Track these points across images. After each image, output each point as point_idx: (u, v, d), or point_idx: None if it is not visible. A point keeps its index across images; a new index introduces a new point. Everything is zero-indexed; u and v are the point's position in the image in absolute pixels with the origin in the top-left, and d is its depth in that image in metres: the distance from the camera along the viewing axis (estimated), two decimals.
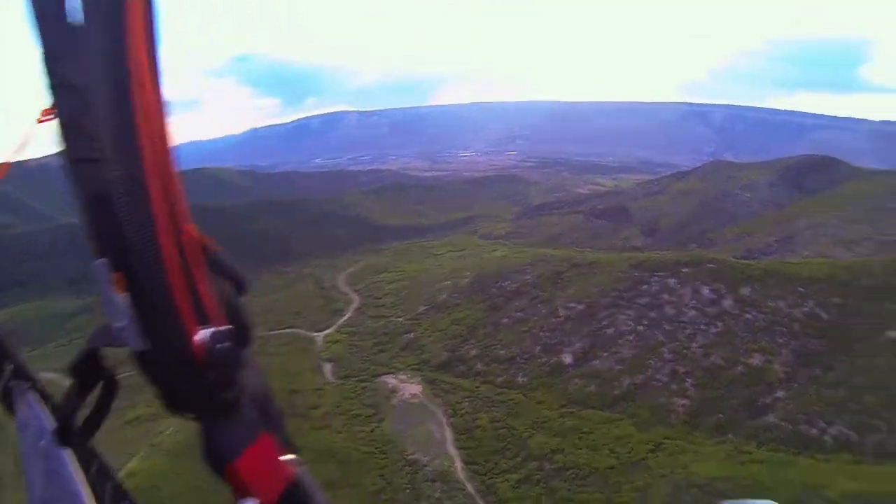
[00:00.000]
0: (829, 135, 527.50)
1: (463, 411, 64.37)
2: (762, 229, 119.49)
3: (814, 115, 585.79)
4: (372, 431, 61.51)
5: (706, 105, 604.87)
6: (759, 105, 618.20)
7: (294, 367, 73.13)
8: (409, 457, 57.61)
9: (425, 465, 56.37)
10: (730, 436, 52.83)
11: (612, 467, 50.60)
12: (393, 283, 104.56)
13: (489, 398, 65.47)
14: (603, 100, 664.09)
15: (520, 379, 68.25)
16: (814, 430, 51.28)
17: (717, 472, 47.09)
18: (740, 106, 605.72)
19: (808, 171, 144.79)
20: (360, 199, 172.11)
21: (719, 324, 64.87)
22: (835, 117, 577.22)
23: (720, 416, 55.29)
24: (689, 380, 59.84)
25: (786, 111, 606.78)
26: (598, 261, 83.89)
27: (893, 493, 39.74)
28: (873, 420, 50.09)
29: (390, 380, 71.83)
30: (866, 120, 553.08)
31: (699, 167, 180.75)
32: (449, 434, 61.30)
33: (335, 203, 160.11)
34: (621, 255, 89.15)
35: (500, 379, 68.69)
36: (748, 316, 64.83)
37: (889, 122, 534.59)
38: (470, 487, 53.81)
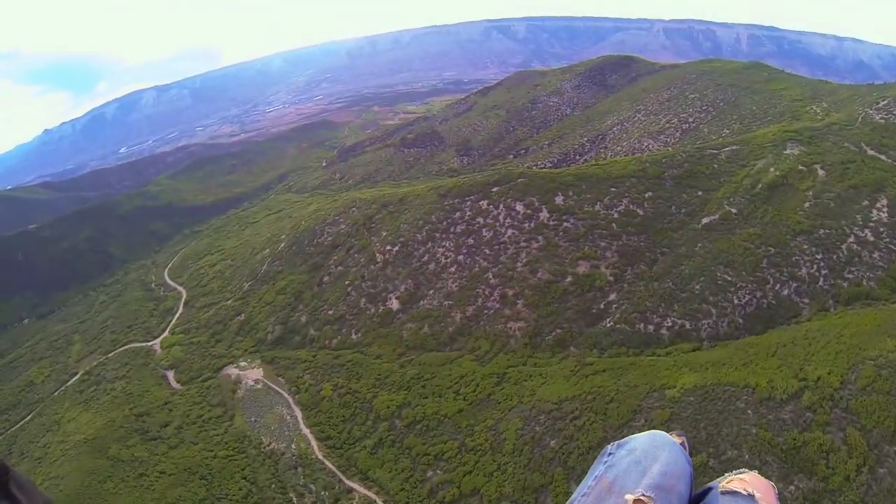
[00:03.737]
0: (628, 36, 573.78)
1: (306, 385, 62.62)
2: (574, 130, 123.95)
3: (613, 19, 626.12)
4: (225, 432, 58.44)
5: (507, 19, 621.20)
6: (558, 14, 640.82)
7: (137, 388, 68.69)
8: (267, 448, 55.64)
9: (283, 454, 54.52)
10: (571, 348, 53.13)
11: (461, 410, 50.35)
12: (215, 265, 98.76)
13: (328, 365, 63.94)
14: (402, 28, 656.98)
15: (353, 337, 66.58)
16: (650, 327, 52.22)
17: (564, 392, 47.25)
18: (541, 17, 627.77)
19: (609, 71, 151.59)
20: (169, 184, 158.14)
21: (539, 238, 65.12)
22: (630, 19, 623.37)
23: (558, 330, 55.51)
24: (521, 301, 59.67)
25: (584, 17, 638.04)
26: (407, 196, 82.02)
27: (727, 382, 40.79)
28: (703, 306, 52.71)
29: (232, 370, 68.72)
30: (659, 20, 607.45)
31: (504, 79, 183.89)
32: (298, 413, 59.06)
33: (144, 196, 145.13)
34: (429, 185, 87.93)
35: (334, 341, 67.21)
36: (567, 224, 65.52)
37: (678, 20, 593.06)
38: (330, 465, 52.13)
